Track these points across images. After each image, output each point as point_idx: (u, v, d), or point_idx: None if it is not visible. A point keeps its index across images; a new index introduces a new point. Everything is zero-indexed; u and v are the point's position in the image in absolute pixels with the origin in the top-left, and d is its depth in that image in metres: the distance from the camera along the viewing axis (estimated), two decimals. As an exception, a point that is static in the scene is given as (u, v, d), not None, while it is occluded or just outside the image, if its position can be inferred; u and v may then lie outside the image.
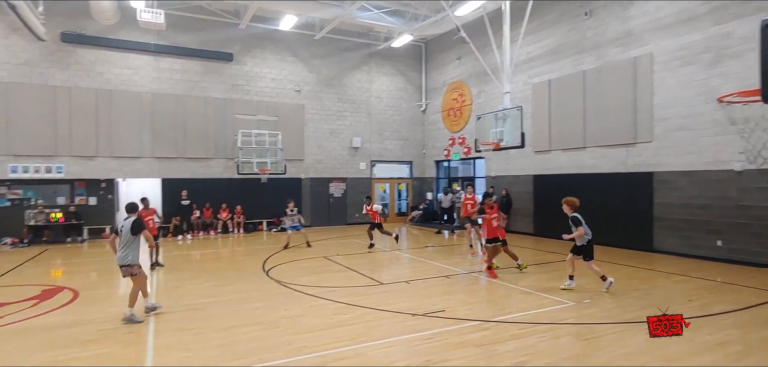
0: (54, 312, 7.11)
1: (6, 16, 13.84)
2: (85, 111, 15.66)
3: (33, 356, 5.28)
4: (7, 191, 15.00)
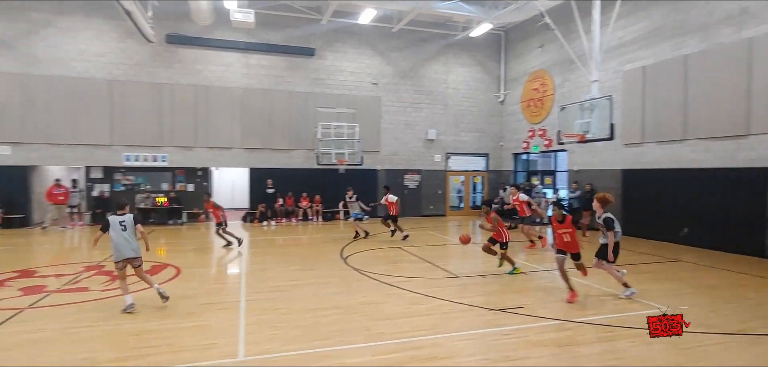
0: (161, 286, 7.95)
1: (122, 23, 15.56)
2: (185, 106, 17.21)
3: (146, 323, 5.98)
4: (122, 177, 17.00)
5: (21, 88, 15.52)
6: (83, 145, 16.27)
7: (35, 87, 15.65)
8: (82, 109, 16.08)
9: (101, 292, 7.48)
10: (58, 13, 15.87)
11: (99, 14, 16.17)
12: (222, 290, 8.06)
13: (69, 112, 15.97)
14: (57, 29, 15.94)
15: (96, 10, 16.08)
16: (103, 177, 16.87)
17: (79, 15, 16.07)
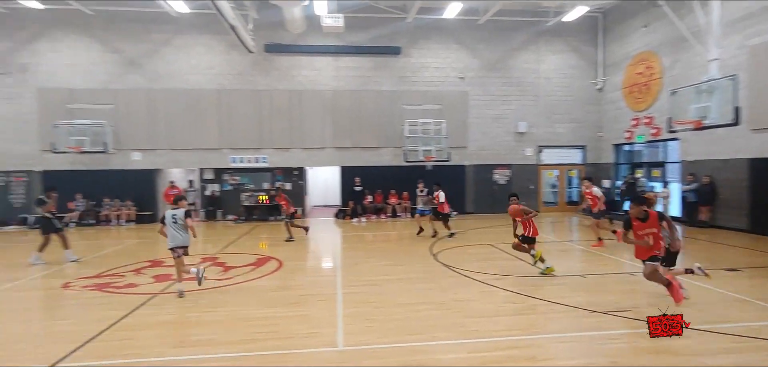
0: (266, 277, 8.64)
1: (227, 37, 17.07)
2: (282, 110, 18.42)
3: (256, 310, 6.55)
4: (230, 178, 18.69)
5: (147, 101, 17.74)
6: (197, 149, 18.15)
7: (158, 99, 17.79)
8: (195, 117, 17.96)
9: (217, 281, 8.31)
10: (175, 32, 17.86)
11: (208, 31, 17.90)
12: (319, 283, 8.52)
13: (185, 120, 17.91)
14: (174, 47, 17.95)
15: (205, 27, 17.82)
16: (214, 178, 18.69)
17: (192, 33, 17.94)
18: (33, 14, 16.84)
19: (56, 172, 17.28)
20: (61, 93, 17.26)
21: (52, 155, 16.85)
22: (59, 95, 17.23)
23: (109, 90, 17.54)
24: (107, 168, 17.56)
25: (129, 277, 8.78)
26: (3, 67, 17.16)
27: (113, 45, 17.67)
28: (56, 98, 17.19)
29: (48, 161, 17.22)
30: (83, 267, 9.69)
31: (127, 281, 8.48)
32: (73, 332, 5.76)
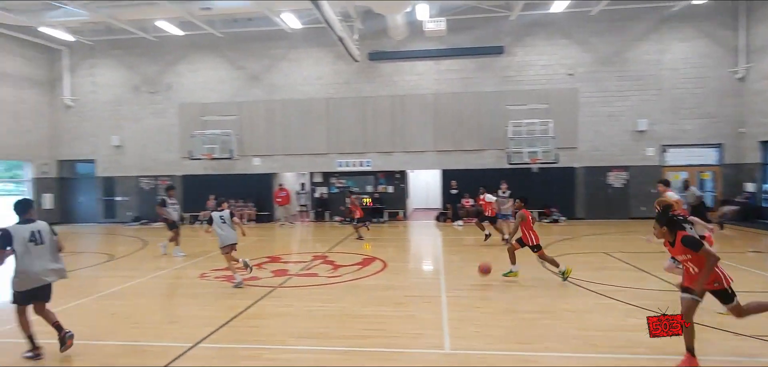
0: (371, 277, 8.99)
1: (335, 48, 18.10)
2: (384, 115, 18.99)
3: (363, 308, 6.85)
4: (336, 181, 19.76)
5: (266, 111, 19.52)
6: (308, 154, 19.49)
7: (275, 109, 19.47)
8: (306, 124, 19.31)
9: (328, 278, 8.86)
10: (289, 48, 19.41)
11: (317, 44, 19.14)
12: (423, 285, 8.62)
13: (298, 127, 19.36)
14: (289, 61, 19.51)
15: (315, 40, 19.08)
16: (322, 181, 19.91)
17: (303, 47, 19.34)
18: (176, 41, 19.53)
19: (192, 176, 19.83)
20: (197, 107, 19.75)
21: (189, 161, 19.35)
22: (195, 109, 19.74)
23: (235, 102, 19.65)
24: (232, 172, 19.66)
25: (252, 270, 9.72)
26: (153, 87, 20.16)
27: (238, 63, 19.77)
28: (193, 112, 19.72)
29: (186, 167, 19.81)
30: (214, 260, 10.95)
31: (250, 274, 9.40)
32: (210, 317, 6.57)
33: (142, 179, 20.34)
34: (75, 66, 20.65)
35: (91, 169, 20.83)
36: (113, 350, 5.46)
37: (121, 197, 20.59)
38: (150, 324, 6.44)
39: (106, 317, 6.85)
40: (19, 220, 5.26)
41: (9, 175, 21.12)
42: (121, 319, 6.70)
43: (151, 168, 20.27)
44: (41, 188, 20.13)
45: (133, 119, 20.32)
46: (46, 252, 5.27)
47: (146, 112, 20.24)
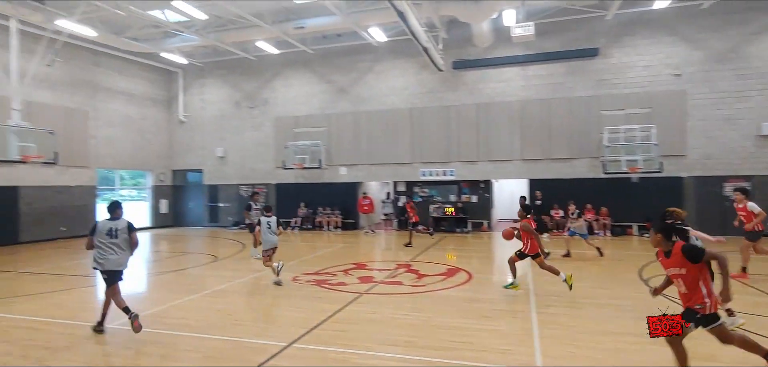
0: (457, 288, 8.89)
1: (419, 58, 18.28)
2: (469, 123, 18.74)
3: (450, 320, 6.80)
4: (420, 190, 19.86)
5: (353, 122, 20.25)
6: (392, 164, 19.84)
7: (361, 120, 20.13)
8: (390, 134, 19.69)
9: (412, 287, 8.93)
10: (375, 61, 19.99)
11: (402, 55, 19.48)
12: (511, 298, 8.32)
13: (382, 137, 19.81)
14: (375, 74, 20.09)
15: (400, 51, 19.44)
16: (406, 190, 20.12)
17: (388, 58, 19.80)
18: (272, 59, 21.06)
19: (285, 184, 21.15)
20: (290, 120, 21.07)
21: (282, 171, 20.66)
22: (288, 122, 21.07)
23: (324, 115, 20.65)
24: (320, 181, 20.63)
25: (339, 276, 10.11)
26: (251, 102, 21.89)
27: (328, 77, 20.78)
28: (286, 125, 21.06)
29: (279, 175, 21.18)
30: (304, 264, 11.56)
31: (338, 279, 9.78)
32: (302, 318, 6.95)
33: (241, 187, 22.12)
34: (188, 86, 23.12)
35: (199, 178, 23.13)
36: (219, 344, 6.00)
37: (224, 203, 22.55)
38: (249, 322, 6.98)
39: (212, 312, 7.54)
40: (109, 217, 6.54)
41: (133, 182, 24.17)
42: (224, 315, 7.34)
43: (250, 177, 21.97)
44: (159, 194, 22.74)
45: (234, 132, 22.22)
46: (118, 245, 6.42)
47: (246, 125, 22.03)
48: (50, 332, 6.69)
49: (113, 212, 6.57)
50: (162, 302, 8.21)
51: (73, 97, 18.58)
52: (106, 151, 19.99)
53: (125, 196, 23.36)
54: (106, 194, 20.99)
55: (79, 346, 6.20)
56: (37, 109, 16.36)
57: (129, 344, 6.08)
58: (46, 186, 17.14)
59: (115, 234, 6.42)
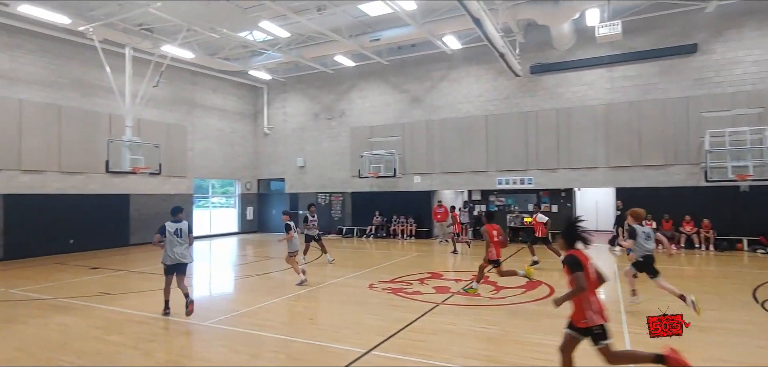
0: (538, 302, 8.51)
1: (495, 64, 17.90)
2: (548, 130, 17.93)
3: (531, 335, 6.54)
4: (495, 199, 19.33)
5: (426, 131, 20.28)
6: (466, 172, 19.54)
7: (435, 129, 20.10)
8: (465, 142, 19.42)
9: (490, 299, 8.70)
10: (449, 69, 19.89)
11: (477, 62, 19.19)
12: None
13: (456, 145, 19.60)
14: (449, 81, 19.98)
15: (475, 58, 19.16)
16: (481, 199, 19.70)
17: (463, 65, 19.60)
18: (348, 71, 21.78)
19: (360, 192, 21.67)
20: (365, 130, 21.60)
21: (358, 179, 21.20)
22: (364, 132, 21.61)
23: (398, 124, 20.90)
24: (395, 190, 20.85)
25: (415, 285, 10.13)
26: (329, 114, 22.77)
27: (402, 87, 21.04)
28: (362, 135, 21.62)
29: (355, 185, 21.75)
30: (380, 272, 11.73)
31: (414, 288, 9.81)
32: (379, 326, 7.06)
33: (320, 195, 23.02)
34: (271, 100, 24.62)
35: (281, 187, 24.46)
36: (301, 347, 6.29)
37: (303, 211, 23.60)
38: (329, 327, 7.22)
39: (294, 315, 7.93)
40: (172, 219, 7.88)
41: (222, 190, 26.14)
42: (304, 319, 7.68)
43: (327, 186, 22.81)
44: (245, 201, 24.38)
45: (313, 143, 23.23)
46: (183, 243, 7.80)
47: (324, 136, 22.94)
48: (155, 325, 7.44)
49: (177, 215, 7.96)
50: (250, 303, 8.78)
51: (174, 113, 20.61)
52: (201, 162, 21.87)
53: (216, 203, 25.30)
54: (200, 201, 22.94)
55: (178, 340, 6.83)
56: (145, 126, 18.34)
57: (223, 341, 6.57)
58: (151, 194, 19.11)
59: (180, 233, 7.81)
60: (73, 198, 16.62)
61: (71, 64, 16.93)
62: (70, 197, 16.56)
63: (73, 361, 5.81)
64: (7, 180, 15.10)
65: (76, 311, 8.33)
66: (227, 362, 5.81)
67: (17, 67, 15.50)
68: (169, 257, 7.71)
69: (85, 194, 17.02)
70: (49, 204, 15.92)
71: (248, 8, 14.83)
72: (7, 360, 5.92)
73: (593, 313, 4.14)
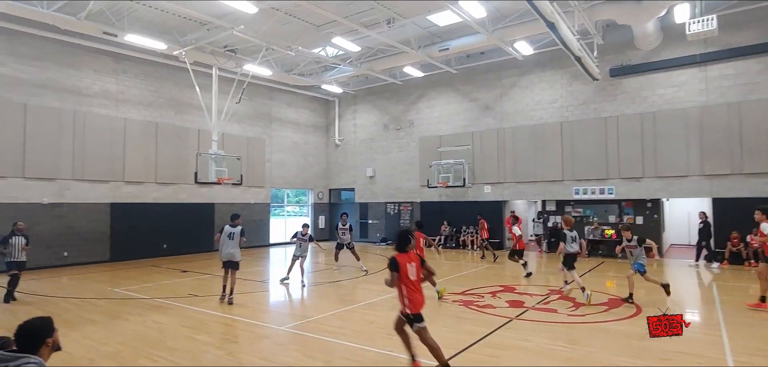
0: (622, 321, 7.93)
1: (570, 68, 17.11)
2: (631, 136, 16.71)
3: (615, 357, 6.10)
4: (572, 210, 18.33)
5: (497, 139, 19.79)
6: (540, 182, 18.75)
7: (506, 137, 19.55)
8: (538, 150, 18.67)
9: (568, 316, 8.25)
10: (520, 75, 19.30)
11: (550, 67, 18.44)
12: (696, 342, 7.04)
13: (528, 154, 18.90)
14: (520, 88, 19.38)
15: (548, 63, 18.43)
16: (555, 209, 18.79)
17: (535, 71, 18.92)
18: (416, 82, 21.90)
19: (429, 202, 21.60)
20: (434, 140, 21.54)
21: (426, 189, 21.16)
22: (432, 142, 21.55)
23: (467, 133, 20.61)
24: (464, 199, 20.53)
25: (486, 298, 9.87)
26: (398, 124, 23.01)
27: (471, 95, 20.76)
28: (430, 144, 21.58)
29: (424, 194, 21.72)
30: (450, 284, 11.56)
31: (485, 301, 9.57)
32: (452, 339, 6.95)
33: (389, 205, 23.26)
34: (342, 113, 25.40)
35: (351, 197, 25.06)
36: (373, 356, 6.37)
37: (372, 220, 24.00)
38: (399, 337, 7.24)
39: (365, 324, 8.06)
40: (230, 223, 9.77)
41: (296, 200, 27.31)
42: (377, 328, 7.76)
43: (396, 195, 23.00)
44: (317, 210, 25.27)
45: (382, 153, 23.58)
46: (233, 244, 9.55)
47: (393, 146, 23.21)
48: (236, 326, 7.93)
49: (234, 220, 9.76)
50: (323, 310, 9.07)
51: (253, 127, 21.96)
52: (278, 172, 23.05)
53: (290, 212, 26.45)
54: (276, 209, 24.13)
55: (256, 342, 7.21)
56: (228, 140, 19.72)
57: (297, 346, 6.85)
58: (233, 203, 20.44)
59: (232, 236, 9.59)
60: (166, 207, 18.26)
61: (167, 85, 18.70)
62: (164, 205, 18.22)
63: (168, 357, 6.35)
64: (114, 191, 16.96)
65: (169, 310, 9.11)
66: (301, 365, 6.04)
67: (124, 90, 17.42)
68: (223, 255, 9.60)
69: (177, 203, 18.63)
70: (147, 212, 17.61)
71: (321, 26, 15.48)
72: (113, 352, 6.61)
73: (406, 304, 5.46)
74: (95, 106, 16.61)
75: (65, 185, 15.73)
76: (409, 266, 5.48)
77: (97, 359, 6.34)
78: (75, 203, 15.94)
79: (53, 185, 15.44)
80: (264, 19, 14.48)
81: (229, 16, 14.19)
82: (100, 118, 16.62)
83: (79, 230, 15.89)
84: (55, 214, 15.44)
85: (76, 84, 16.16)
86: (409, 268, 5.47)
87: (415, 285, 5.50)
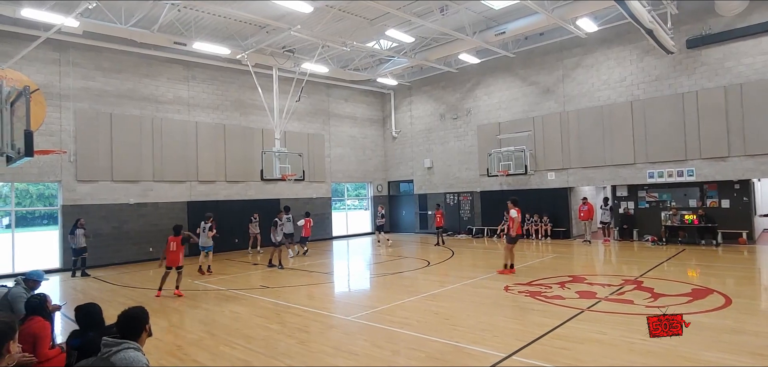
0: (709, 313, 7.34)
1: (640, 43, 15.97)
2: (713, 111, 15.32)
3: (703, 351, 5.67)
4: (646, 195, 17.16)
5: (560, 123, 18.92)
6: (609, 166, 17.72)
7: (570, 120, 18.64)
8: (605, 132, 17.62)
9: (646, 307, 7.76)
10: (583, 54, 18.29)
11: (617, 43, 17.31)
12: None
13: (595, 137, 17.90)
14: (584, 68, 18.38)
15: (615, 39, 17.31)
16: (628, 195, 17.68)
17: (600, 49, 17.85)
18: (473, 69, 21.43)
19: (489, 191, 21.13)
20: (492, 127, 21.00)
21: (486, 178, 20.71)
22: (491, 129, 21.03)
23: (528, 118, 19.89)
24: (527, 187, 19.86)
25: (555, 289, 9.52)
26: (455, 113, 22.67)
27: (530, 79, 19.99)
28: (489, 132, 21.07)
29: (484, 183, 21.28)
30: (517, 275, 11.26)
31: (553, 292, 9.23)
32: (519, 330, 6.80)
33: (447, 195, 23.04)
34: (398, 105, 25.44)
35: (410, 188, 25.10)
36: (440, 346, 6.36)
37: (431, 211, 23.88)
38: (466, 328, 7.18)
39: (429, 314, 8.06)
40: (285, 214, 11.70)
41: (356, 193, 27.78)
42: (442, 319, 7.74)
43: (454, 185, 22.73)
44: (376, 202, 25.54)
45: (440, 143, 23.37)
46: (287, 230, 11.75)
47: (450, 136, 22.92)
48: (305, 316, 8.23)
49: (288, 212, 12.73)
50: (387, 300, 9.19)
51: (313, 124, 22.59)
52: (337, 167, 23.56)
53: (350, 205, 26.98)
54: (337, 203, 24.70)
55: (326, 332, 7.44)
56: (290, 137, 20.42)
57: (365, 336, 7.00)
58: (297, 198, 21.19)
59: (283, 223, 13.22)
60: (235, 203, 19.28)
61: (231, 88, 19.70)
62: (233, 202, 19.25)
63: (245, 345, 6.73)
64: (189, 189, 18.18)
65: (243, 301, 9.65)
66: (371, 356, 6.16)
67: (194, 95, 18.58)
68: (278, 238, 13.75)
69: (245, 200, 19.61)
70: (219, 208, 18.68)
71: (375, 19, 15.55)
72: (197, 339, 7.12)
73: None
74: (170, 112, 17.85)
75: (148, 186, 17.10)
76: (173, 243, 10.47)
77: (184, 345, 6.86)
78: (156, 203, 17.29)
79: (137, 187, 16.84)
80: (319, 17, 14.79)
81: (286, 17, 14.64)
82: (175, 123, 17.85)
83: (161, 228, 17.19)
84: (140, 213, 16.84)
85: (152, 92, 17.46)
86: (172, 244, 10.55)
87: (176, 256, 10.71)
